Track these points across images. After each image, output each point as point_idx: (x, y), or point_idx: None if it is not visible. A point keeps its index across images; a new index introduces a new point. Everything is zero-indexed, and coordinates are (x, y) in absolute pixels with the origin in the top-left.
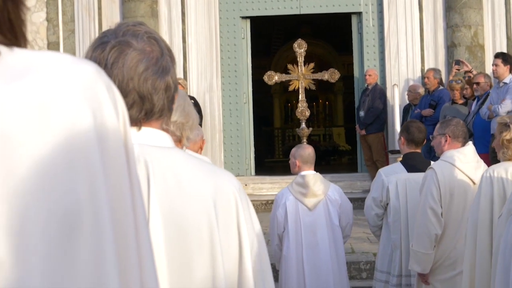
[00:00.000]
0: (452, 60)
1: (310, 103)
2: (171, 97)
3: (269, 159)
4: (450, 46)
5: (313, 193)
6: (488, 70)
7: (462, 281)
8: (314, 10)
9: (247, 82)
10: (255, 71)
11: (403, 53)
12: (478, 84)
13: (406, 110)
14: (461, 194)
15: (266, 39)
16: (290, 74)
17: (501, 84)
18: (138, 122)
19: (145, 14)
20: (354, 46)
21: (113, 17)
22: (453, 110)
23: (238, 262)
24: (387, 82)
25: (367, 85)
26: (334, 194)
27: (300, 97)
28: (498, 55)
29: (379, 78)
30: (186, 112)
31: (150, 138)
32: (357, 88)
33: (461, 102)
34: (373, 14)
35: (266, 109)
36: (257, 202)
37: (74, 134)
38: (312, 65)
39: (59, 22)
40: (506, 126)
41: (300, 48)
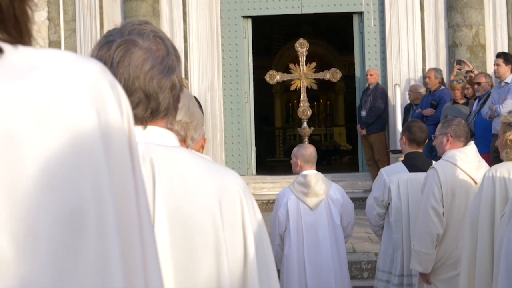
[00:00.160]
0: (453, 60)
1: (311, 103)
2: (177, 96)
3: (270, 159)
4: (452, 46)
5: (314, 192)
6: (489, 70)
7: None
8: (315, 10)
9: (248, 81)
10: (256, 71)
11: (404, 52)
12: (479, 84)
13: (407, 110)
14: (462, 194)
15: (267, 39)
16: (291, 73)
17: (502, 84)
18: (143, 121)
19: (146, 13)
20: (355, 45)
21: (114, 16)
22: (454, 110)
23: (243, 261)
24: (388, 82)
25: (369, 84)
26: (335, 194)
27: (301, 96)
28: (500, 55)
29: (380, 78)
30: (191, 111)
31: (156, 137)
32: (358, 87)
33: (462, 102)
34: (374, 14)
35: (267, 108)
36: (258, 201)
37: (78, 132)
38: (314, 64)
39: (61, 21)
40: (510, 126)
41: (302, 47)
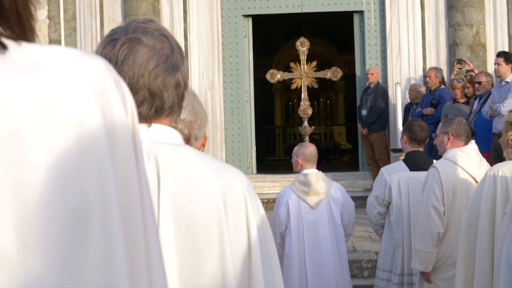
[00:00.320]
0: (453, 59)
1: (311, 102)
2: (181, 94)
3: (270, 158)
4: (452, 45)
5: (315, 191)
6: (490, 69)
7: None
8: (316, 9)
9: (249, 80)
10: (257, 70)
11: (405, 52)
12: (479, 83)
13: (407, 109)
14: (463, 193)
15: (267, 38)
16: (292, 72)
17: (503, 83)
18: (148, 119)
19: (146, 12)
20: (355, 44)
21: (114, 15)
22: (454, 109)
23: (248, 259)
24: (389, 81)
25: (369, 83)
26: (336, 193)
27: (302, 95)
28: (500, 54)
29: (381, 77)
30: (195, 110)
31: (160, 135)
32: (358, 87)
33: (462, 101)
34: (375, 13)
35: (267, 107)
36: None
37: (82, 130)
38: (314, 63)
39: (61, 20)
40: None
41: (302, 46)
